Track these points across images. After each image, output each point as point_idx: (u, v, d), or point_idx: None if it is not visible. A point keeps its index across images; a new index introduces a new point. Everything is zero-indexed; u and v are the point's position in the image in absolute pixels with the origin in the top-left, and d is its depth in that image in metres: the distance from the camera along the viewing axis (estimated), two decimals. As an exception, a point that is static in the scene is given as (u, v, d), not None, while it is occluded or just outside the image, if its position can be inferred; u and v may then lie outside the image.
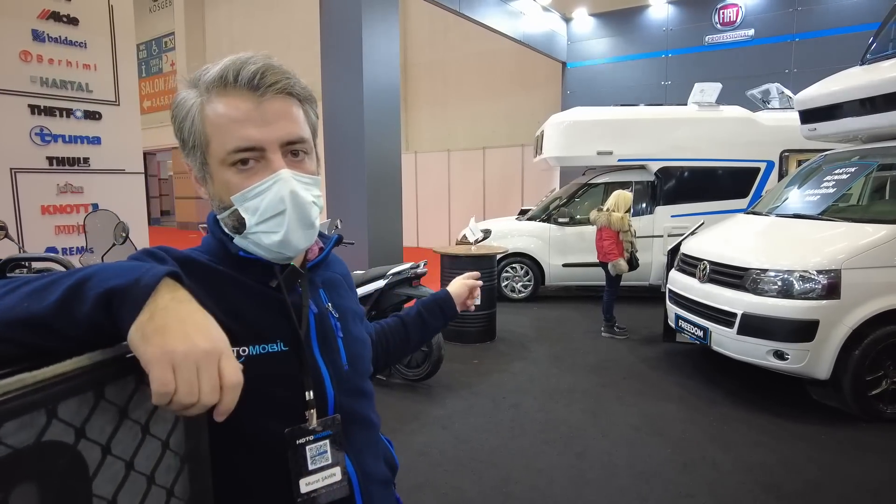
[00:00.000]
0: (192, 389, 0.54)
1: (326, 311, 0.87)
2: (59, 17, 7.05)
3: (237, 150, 0.74)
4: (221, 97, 0.75)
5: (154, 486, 0.61)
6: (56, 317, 0.53)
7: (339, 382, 0.84)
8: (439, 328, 1.31)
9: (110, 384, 0.56)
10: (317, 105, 0.84)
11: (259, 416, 0.76)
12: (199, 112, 0.76)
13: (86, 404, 0.54)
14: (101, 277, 0.55)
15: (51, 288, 0.54)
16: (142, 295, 0.54)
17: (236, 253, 0.79)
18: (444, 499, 2.86)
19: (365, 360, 0.95)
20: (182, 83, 0.79)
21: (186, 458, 0.65)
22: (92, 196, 7.41)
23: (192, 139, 0.77)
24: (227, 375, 0.57)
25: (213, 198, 0.80)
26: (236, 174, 0.76)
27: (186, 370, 0.53)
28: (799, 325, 3.62)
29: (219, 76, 0.75)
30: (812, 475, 3.01)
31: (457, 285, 1.33)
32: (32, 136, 6.85)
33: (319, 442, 0.80)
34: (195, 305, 0.58)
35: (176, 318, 0.55)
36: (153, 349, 0.53)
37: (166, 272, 0.57)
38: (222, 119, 0.75)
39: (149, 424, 0.60)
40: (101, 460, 0.55)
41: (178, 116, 0.78)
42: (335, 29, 6.16)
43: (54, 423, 0.50)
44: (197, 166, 0.79)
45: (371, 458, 0.90)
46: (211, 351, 0.55)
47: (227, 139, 0.74)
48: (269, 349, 0.77)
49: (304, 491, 0.78)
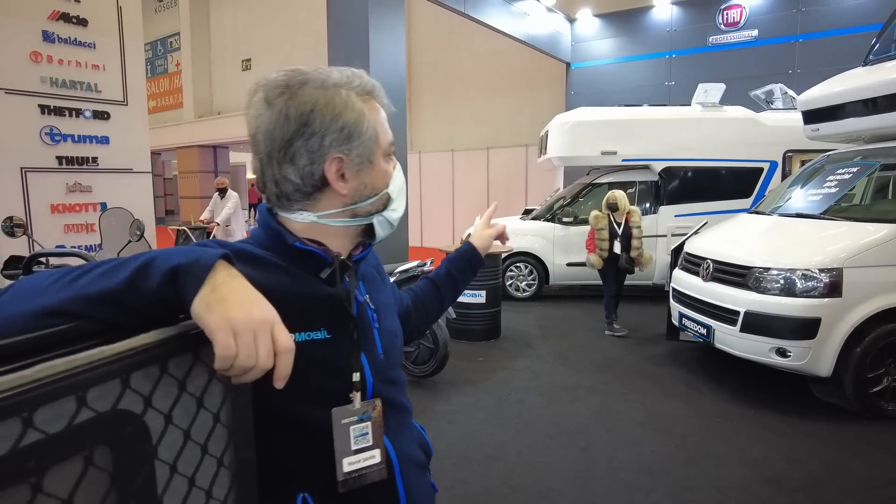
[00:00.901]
0: (251, 353, 0.60)
1: (365, 303, 0.93)
2: (69, 18, 7.14)
3: (391, 143, 0.93)
4: (374, 100, 0.90)
5: (206, 455, 0.67)
6: (127, 292, 0.59)
7: (375, 370, 0.90)
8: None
9: (172, 359, 0.61)
10: None
11: (301, 399, 0.81)
12: (368, 112, 0.88)
13: (150, 377, 0.59)
14: (165, 257, 0.61)
15: (120, 269, 0.61)
16: (203, 271, 0.61)
17: (293, 244, 0.85)
18: (451, 492, 2.91)
19: (397, 351, 1.00)
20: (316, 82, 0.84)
21: (234, 431, 0.71)
22: (100, 195, 7.50)
23: (367, 134, 0.86)
24: (280, 341, 0.63)
25: (364, 187, 0.88)
26: (388, 163, 0.92)
27: (245, 336, 0.59)
28: (801, 322, 3.67)
29: (365, 86, 0.89)
30: (814, 470, 3.06)
31: (481, 237, 1.35)
32: (42, 135, 6.95)
33: (362, 423, 0.85)
34: (246, 282, 0.65)
35: (233, 290, 0.62)
36: (216, 317, 0.59)
37: (221, 254, 0.64)
38: (381, 118, 0.90)
39: (203, 398, 0.66)
40: (163, 429, 0.61)
41: (345, 115, 0.84)
42: (342, 29, 6.23)
43: (128, 392, 0.56)
44: (360, 160, 0.87)
45: (408, 442, 0.96)
46: (265, 319, 0.62)
47: (388, 134, 0.91)
48: (314, 336, 0.82)
49: (346, 470, 0.83)
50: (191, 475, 0.65)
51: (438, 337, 4.33)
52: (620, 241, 5.71)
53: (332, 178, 0.85)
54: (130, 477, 0.57)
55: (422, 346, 4.40)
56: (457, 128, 13.70)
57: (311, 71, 0.85)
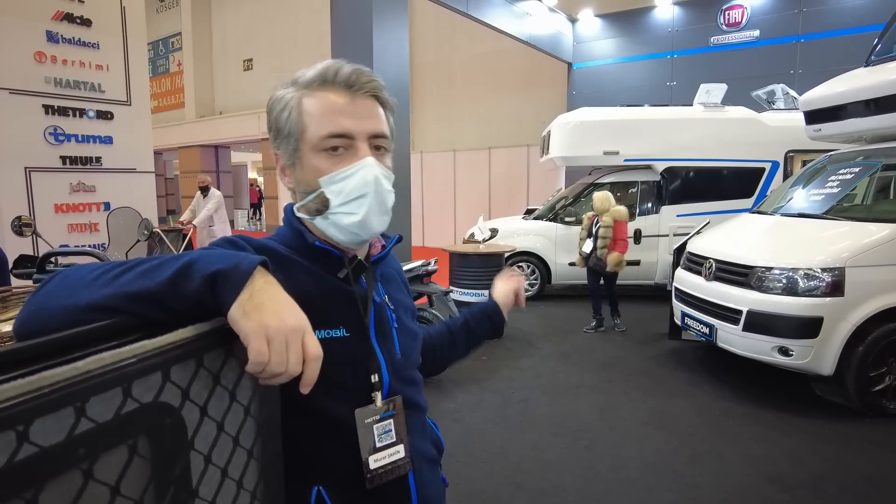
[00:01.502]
0: (282, 360, 0.62)
1: (384, 303, 0.95)
2: (73, 19, 7.17)
3: (331, 136, 0.83)
4: (320, 91, 0.85)
5: (238, 447, 0.69)
6: (167, 293, 0.61)
7: (393, 369, 0.92)
8: (487, 336, 1.31)
9: (208, 353, 0.64)
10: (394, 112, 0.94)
11: (322, 395, 0.82)
12: (297, 104, 0.85)
13: (188, 371, 0.62)
14: (205, 261, 0.63)
15: (161, 269, 0.62)
16: (242, 278, 0.62)
17: (312, 243, 0.87)
18: (456, 489, 2.93)
19: (415, 352, 1.02)
20: (279, 86, 0.88)
21: (263, 425, 0.74)
22: (104, 195, 7.53)
23: (288, 127, 0.86)
24: (309, 349, 0.64)
25: (298, 183, 0.88)
26: (326, 159, 0.84)
27: (278, 343, 0.61)
28: (803, 322, 3.69)
29: (319, 74, 0.85)
30: (816, 467, 3.09)
31: (501, 292, 1.32)
32: (46, 135, 6.97)
33: (385, 421, 0.87)
34: (282, 289, 0.66)
35: (269, 298, 0.63)
36: (252, 324, 0.60)
37: (260, 261, 0.65)
38: (320, 109, 0.84)
39: (235, 391, 0.68)
40: (199, 421, 0.63)
41: (274, 109, 0.87)
42: (346, 30, 6.25)
43: (168, 384, 0.58)
44: (288, 153, 0.87)
45: (419, 439, 0.97)
46: (297, 327, 0.63)
47: (323, 126, 0.83)
48: (333, 334, 0.84)
49: (373, 467, 0.85)
50: (223, 466, 0.67)
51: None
52: (593, 240, 5.79)
53: (279, 175, 0.90)
54: (169, 467, 0.60)
55: (426, 345, 4.42)
56: (458, 127, 13.72)
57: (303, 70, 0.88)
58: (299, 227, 0.89)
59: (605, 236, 5.72)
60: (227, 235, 0.84)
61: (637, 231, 7.45)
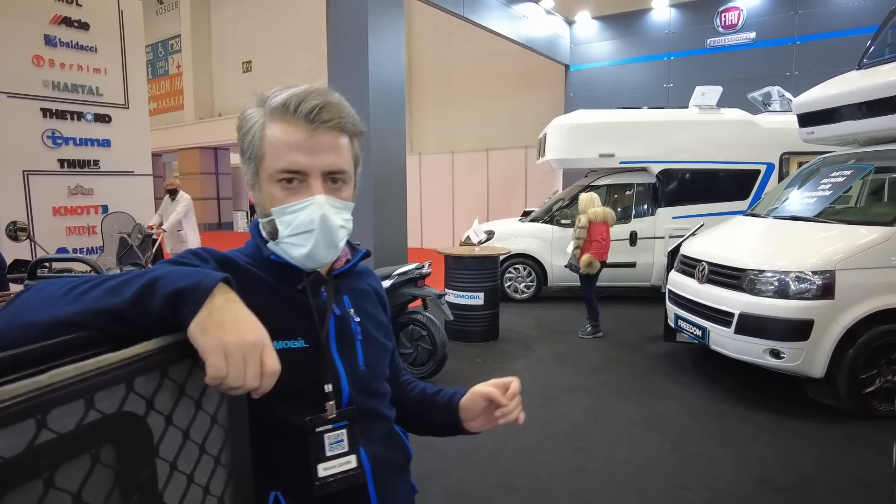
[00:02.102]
0: (240, 375, 0.64)
1: (348, 316, 0.97)
2: (71, 22, 7.19)
3: (285, 171, 0.85)
4: (281, 122, 0.85)
5: (204, 454, 0.71)
6: (132, 309, 0.64)
7: (354, 380, 0.93)
8: (437, 423, 1.14)
9: (173, 365, 0.66)
10: (364, 138, 0.95)
11: (283, 404, 0.86)
12: (259, 130, 0.87)
13: (153, 381, 0.64)
14: (168, 279, 0.65)
15: (126, 286, 0.65)
16: (202, 296, 0.65)
17: (268, 256, 0.90)
18: (449, 491, 2.96)
19: (382, 364, 1.03)
20: (252, 99, 0.90)
21: (230, 432, 0.76)
22: (102, 198, 7.55)
23: (250, 151, 0.88)
24: (267, 364, 0.67)
25: (257, 204, 0.91)
26: (281, 190, 0.86)
27: (236, 359, 0.64)
28: (794, 324, 3.71)
29: (282, 104, 0.85)
30: (806, 469, 3.10)
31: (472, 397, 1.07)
32: (44, 138, 7.00)
33: (337, 431, 0.89)
34: (243, 306, 0.69)
35: (230, 315, 0.66)
36: (211, 341, 0.63)
37: (221, 278, 0.68)
38: (278, 142, 0.85)
39: (201, 400, 0.71)
40: (164, 429, 0.65)
41: (242, 128, 0.89)
42: (341, 32, 6.27)
43: (131, 395, 0.60)
44: (250, 174, 0.91)
45: (383, 448, 0.99)
46: (256, 343, 0.66)
47: (279, 160, 0.85)
48: (291, 345, 0.87)
49: (321, 475, 0.87)
50: (189, 472, 0.69)
51: (437, 339, 4.37)
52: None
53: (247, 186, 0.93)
54: (134, 474, 0.62)
55: (420, 348, 4.45)
56: (457, 129, 13.76)
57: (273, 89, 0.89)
58: (259, 241, 0.92)
59: (579, 237, 5.75)
60: (194, 248, 0.86)
61: (633, 233, 7.47)
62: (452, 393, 1.12)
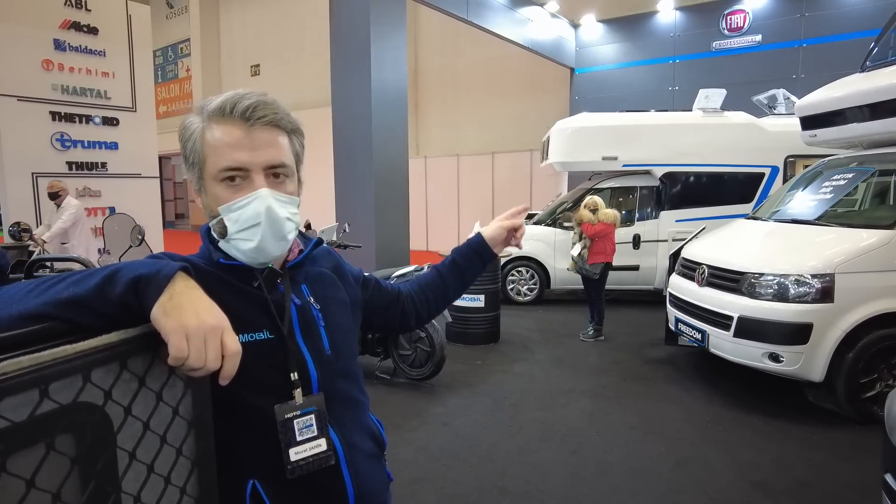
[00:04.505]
0: (201, 356, 0.68)
1: (308, 304, 1.00)
2: (80, 27, 7.31)
3: (227, 169, 0.89)
4: (219, 124, 0.89)
5: (166, 444, 0.74)
6: (95, 297, 0.67)
7: (321, 365, 0.97)
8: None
9: (132, 358, 0.69)
10: (303, 136, 0.99)
11: (252, 394, 0.89)
12: (199, 135, 0.90)
13: (112, 373, 0.67)
14: (130, 268, 0.70)
15: (90, 277, 0.69)
16: (163, 281, 0.69)
17: (217, 261, 0.93)
18: (441, 492, 2.97)
19: (349, 346, 1.06)
20: (191, 112, 0.94)
21: (193, 423, 0.78)
22: (109, 199, 7.65)
23: (193, 157, 0.92)
24: (228, 346, 0.71)
25: (205, 208, 0.95)
26: (225, 189, 0.90)
27: (197, 340, 0.68)
28: (793, 328, 3.69)
29: (218, 107, 0.89)
30: (802, 474, 3.09)
31: (493, 228, 1.32)
32: (53, 141, 7.11)
33: (305, 416, 0.93)
34: (202, 292, 0.73)
35: (189, 299, 0.70)
36: (172, 323, 0.67)
37: (181, 266, 0.72)
38: (217, 143, 0.89)
39: (162, 392, 0.73)
40: (123, 419, 0.68)
41: (183, 137, 0.93)
42: (344, 38, 6.33)
43: (88, 386, 0.63)
44: (195, 180, 0.94)
45: (356, 433, 1.02)
46: (216, 326, 0.70)
47: (220, 160, 0.89)
48: (256, 337, 0.91)
49: (293, 459, 0.91)
50: (150, 462, 0.72)
51: (435, 340, 4.39)
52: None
53: (194, 196, 0.96)
54: (91, 462, 0.64)
55: (418, 350, 4.46)
56: (462, 132, 13.79)
57: (209, 97, 0.93)
58: (209, 245, 0.95)
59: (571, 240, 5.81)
60: (154, 253, 0.89)
61: (636, 236, 7.46)
62: (464, 244, 1.33)
